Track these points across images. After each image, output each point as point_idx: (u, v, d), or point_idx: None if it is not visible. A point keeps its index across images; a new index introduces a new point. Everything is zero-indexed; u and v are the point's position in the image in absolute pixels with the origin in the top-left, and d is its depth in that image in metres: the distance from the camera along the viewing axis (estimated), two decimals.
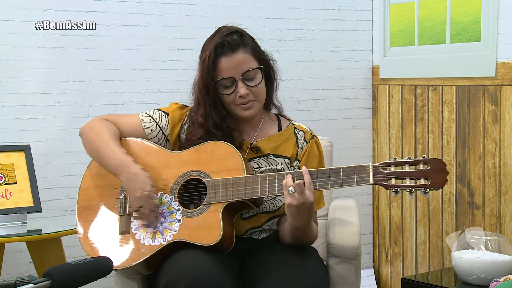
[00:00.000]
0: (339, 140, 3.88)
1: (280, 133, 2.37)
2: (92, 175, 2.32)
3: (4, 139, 3.19)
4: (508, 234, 3.33)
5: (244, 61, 2.24)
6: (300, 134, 2.38)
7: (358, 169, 2.07)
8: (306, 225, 2.18)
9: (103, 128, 2.29)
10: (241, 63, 2.24)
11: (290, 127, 2.40)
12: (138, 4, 3.45)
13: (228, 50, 2.24)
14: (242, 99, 2.25)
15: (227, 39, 2.25)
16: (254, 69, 2.25)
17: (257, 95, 2.27)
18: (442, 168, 2.02)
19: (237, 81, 2.24)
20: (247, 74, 2.24)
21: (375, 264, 4.08)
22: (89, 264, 1.53)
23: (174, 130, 2.34)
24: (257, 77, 2.27)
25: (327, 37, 3.92)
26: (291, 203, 2.07)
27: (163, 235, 2.17)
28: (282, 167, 2.31)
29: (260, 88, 2.28)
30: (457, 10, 3.53)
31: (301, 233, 2.21)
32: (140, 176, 2.18)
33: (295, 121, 2.44)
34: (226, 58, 2.24)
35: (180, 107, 2.39)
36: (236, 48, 2.24)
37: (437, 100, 3.66)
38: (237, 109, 2.28)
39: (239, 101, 2.25)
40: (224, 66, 2.24)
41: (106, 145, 2.24)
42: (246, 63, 2.24)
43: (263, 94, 2.31)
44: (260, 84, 2.28)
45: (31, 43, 3.25)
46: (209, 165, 2.21)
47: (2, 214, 2.83)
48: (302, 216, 2.12)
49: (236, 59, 2.24)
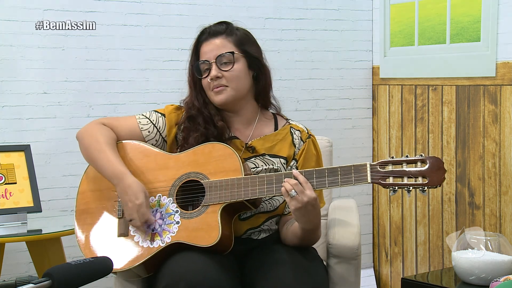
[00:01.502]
0: (339, 140, 3.88)
1: (276, 132, 2.37)
2: (90, 179, 2.32)
3: (4, 139, 3.19)
4: (508, 234, 3.33)
5: (221, 46, 2.29)
6: (297, 134, 2.37)
7: (356, 168, 2.07)
8: (318, 223, 2.18)
9: (99, 134, 2.29)
10: (218, 47, 2.29)
11: (287, 127, 2.39)
12: (138, 4, 3.45)
13: (209, 36, 2.32)
14: (213, 82, 2.27)
15: (212, 27, 2.34)
16: (229, 53, 2.27)
17: (229, 80, 2.27)
18: (440, 166, 2.02)
19: (211, 64, 2.28)
20: (221, 57, 2.27)
21: (375, 264, 4.08)
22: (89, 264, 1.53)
23: (171, 131, 2.34)
24: (232, 63, 2.28)
25: (327, 37, 3.92)
26: (296, 206, 2.07)
27: (161, 237, 2.17)
28: (278, 166, 2.31)
29: (234, 74, 2.28)
30: (457, 10, 3.52)
31: (312, 234, 2.22)
32: (133, 187, 2.18)
33: (292, 120, 2.43)
34: (206, 43, 2.31)
35: (176, 108, 2.39)
36: (217, 35, 2.31)
37: (437, 100, 3.66)
38: (211, 95, 2.31)
39: (211, 85, 2.28)
40: (203, 50, 2.31)
41: (102, 153, 2.25)
42: (221, 47, 2.29)
43: (238, 81, 2.29)
44: (234, 69, 2.28)
45: (31, 43, 3.25)
46: (207, 167, 2.21)
47: (2, 214, 2.83)
48: (312, 215, 2.12)
49: (214, 43, 2.30)
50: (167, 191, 2.23)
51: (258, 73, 2.34)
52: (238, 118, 2.36)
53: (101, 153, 2.25)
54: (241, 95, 2.31)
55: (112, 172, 2.22)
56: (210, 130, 2.29)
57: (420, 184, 2.02)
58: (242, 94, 2.31)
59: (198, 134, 2.29)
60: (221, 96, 2.28)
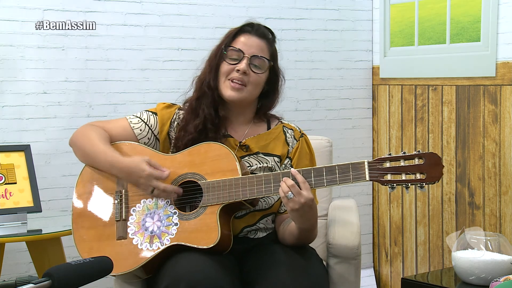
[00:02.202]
0: (339, 140, 3.88)
1: (269, 131, 2.38)
2: (85, 182, 2.31)
3: (4, 139, 3.19)
4: (508, 234, 3.33)
5: (260, 47, 2.29)
6: (289, 132, 2.38)
7: (354, 166, 2.08)
8: (314, 224, 2.19)
9: (91, 132, 2.30)
10: (257, 47, 2.29)
11: (279, 126, 2.40)
12: (138, 4, 3.45)
13: (254, 32, 2.31)
14: (237, 74, 2.26)
15: (260, 26, 2.34)
16: (265, 60, 2.29)
17: (251, 83, 2.28)
18: (437, 162, 2.02)
19: (244, 57, 2.27)
20: (256, 58, 2.28)
21: (375, 264, 4.08)
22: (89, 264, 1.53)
23: (164, 128, 2.34)
24: (262, 69, 2.29)
25: (327, 37, 3.92)
26: (293, 207, 2.07)
27: (160, 239, 2.17)
28: (272, 165, 2.31)
29: (258, 80, 2.29)
30: (457, 10, 3.52)
31: (308, 233, 2.22)
32: (131, 165, 2.19)
33: (284, 120, 2.45)
34: (247, 35, 2.31)
35: (168, 105, 2.40)
36: (261, 36, 2.32)
37: (437, 100, 3.66)
38: (226, 84, 2.29)
39: (233, 76, 2.27)
40: (242, 40, 2.30)
41: (96, 147, 2.25)
42: (261, 50, 2.29)
43: (257, 87, 2.31)
44: (260, 76, 2.29)
45: (31, 43, 3.25)
46: (203, 167, 2.21)
47: (2, 214, 2.83)
48: (309, 216, 2.12)
49: (255, 41, 2.30)
50: None
51: (269, 91, 2.37)
52: (236, 116, 2.36)
53: (95, 147, 2.25)
54: (248, 101, 2.33)
55: (106, 161, 2.22)
56: (211, 116, 2.29)
57: (418, 180, 2.02)
58: (249, 100, 2.33)
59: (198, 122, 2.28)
60: (237, 93, 2.28)
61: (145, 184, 2.18)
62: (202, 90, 2.32)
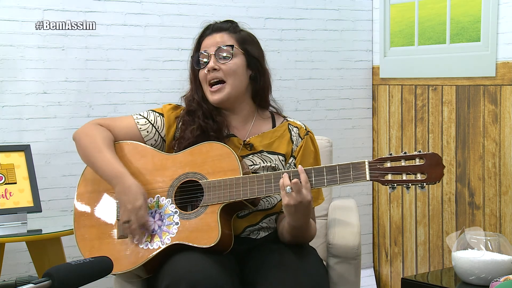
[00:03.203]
0: (339, 140, 3.88)
1: (274, 129, 2.37)
2: (87, 181, 2.31)
3: (4, 139, 3.19)
4: (508, 234, 3.33)
5: (222, 40, 2.30)
6: (295, 131, 2.37)
7: (354, 166, 2.07)
8: (305, 223, 2.18)
9: (96, 134, 2.28)
10: (219, 41, 2.30)
11: (284, 124, 2.39)
12: (138, 4, 3.45)
13: (212, 31, 2.33)
14: (209, 74, 2.27)
15: (217, 23, 2.35)
16: (229, 46, 2.28)
17: (226, 74, 2.27)
18: (438, 162, 2.02)
19: (210, 56, 2.28)
20: (220, 50, 2.28)
21: (375, 264, 4.08)
22: (89, 264, 1.52)
23: (170, 130, 2.34)
24: (231, 56, 2.28)
25: (327, 37, 3.92)
26: (288, 202, 2.07)
27: (161, 238, 2.17)
28: (276, 164, 2.30)
29: (232, 67, 2.27)
30: (457, 10, 3.53)
31: (300, 232, 2.21)
32: (133, 188, 2.17)
33: (289, 118, 2.43)
34: (208, 36, 2.33)
35: (174, 107, 2.39)
36: (220, 30, 2.33)
37: (437, 100, 3.66)
38: (208, 92, 2.30)
39: (209, 78, 2.27)
40: (205, 43, 2.32)
41: (101, 153, 2.23)
42: (222, 41, 2.30)
43: (236, 75, 2.29)
44: (232, 63, 2.28)
45: (31, 43, 3.25)
46: (205, 166, 2.20)
47: (2, 214, 2.83)
48: (301, 215, 2.12)
49: (215, 37, 2.31)
50: (166, 192, 2.22)
51: (257, 74, 2.34)
52: (235, 116, 2.35)
53: (99, 153, 2.24)
54: (238, 93, 2.31)
55: (111, 173, 2.21)
56: (209, 124, 2.29)
57: (419, 181, 2.02)
58: (238, 92, 2.31)
59: (194, 127, 2.28)
60: (219, 95, 2.28)
61: (128, 211, 2.16)
62: (191, 107, 2.33)
